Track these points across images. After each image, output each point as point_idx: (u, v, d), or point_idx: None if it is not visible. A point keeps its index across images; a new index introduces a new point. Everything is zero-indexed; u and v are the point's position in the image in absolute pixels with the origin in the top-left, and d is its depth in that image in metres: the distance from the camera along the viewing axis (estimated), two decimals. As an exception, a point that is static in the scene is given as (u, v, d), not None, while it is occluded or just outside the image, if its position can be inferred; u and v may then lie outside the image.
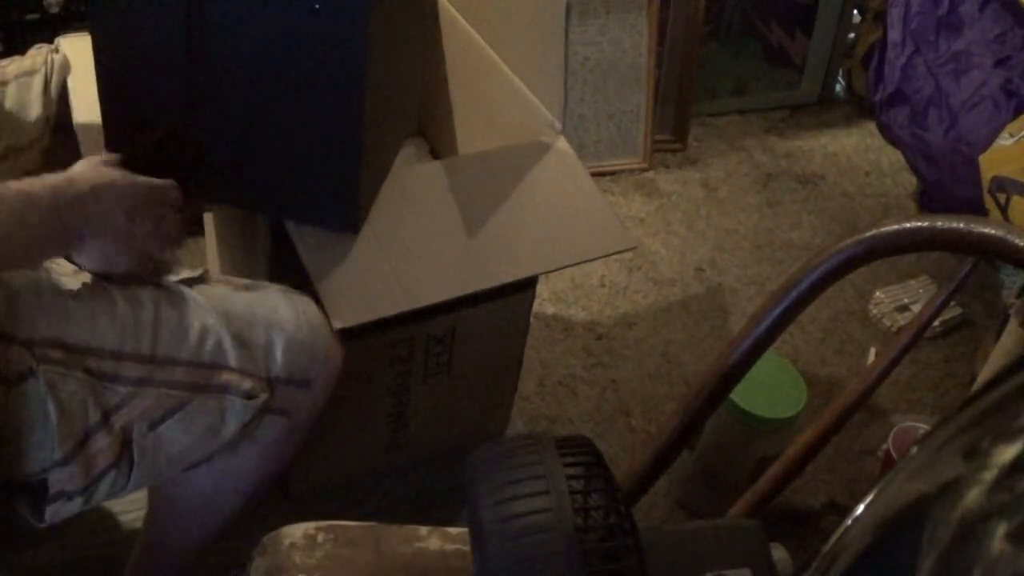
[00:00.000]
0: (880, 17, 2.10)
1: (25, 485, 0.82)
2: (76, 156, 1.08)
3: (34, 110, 1.12)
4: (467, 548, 0.59)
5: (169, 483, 0.96)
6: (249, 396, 0.89)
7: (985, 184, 1.62)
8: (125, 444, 0.85)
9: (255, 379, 0.90)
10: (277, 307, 0.93)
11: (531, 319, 1.39)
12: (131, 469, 0.86)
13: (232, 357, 0.89)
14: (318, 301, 0.99)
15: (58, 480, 0.82)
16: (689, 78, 2.10)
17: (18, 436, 0.79)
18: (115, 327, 0.84)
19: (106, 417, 0.83)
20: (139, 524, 1.21)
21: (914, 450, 0.45)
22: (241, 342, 0.89)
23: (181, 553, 1.07)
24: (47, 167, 1.09)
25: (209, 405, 0.88)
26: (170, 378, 0.86)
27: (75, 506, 0.84)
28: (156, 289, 0.89)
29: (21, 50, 1.19)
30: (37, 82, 1.14)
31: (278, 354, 0.91)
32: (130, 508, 1.27)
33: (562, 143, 1.22)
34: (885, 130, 2.04)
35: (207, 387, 0.88)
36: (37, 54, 1.17)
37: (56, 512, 0.84)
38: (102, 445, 0.83)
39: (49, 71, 1.15)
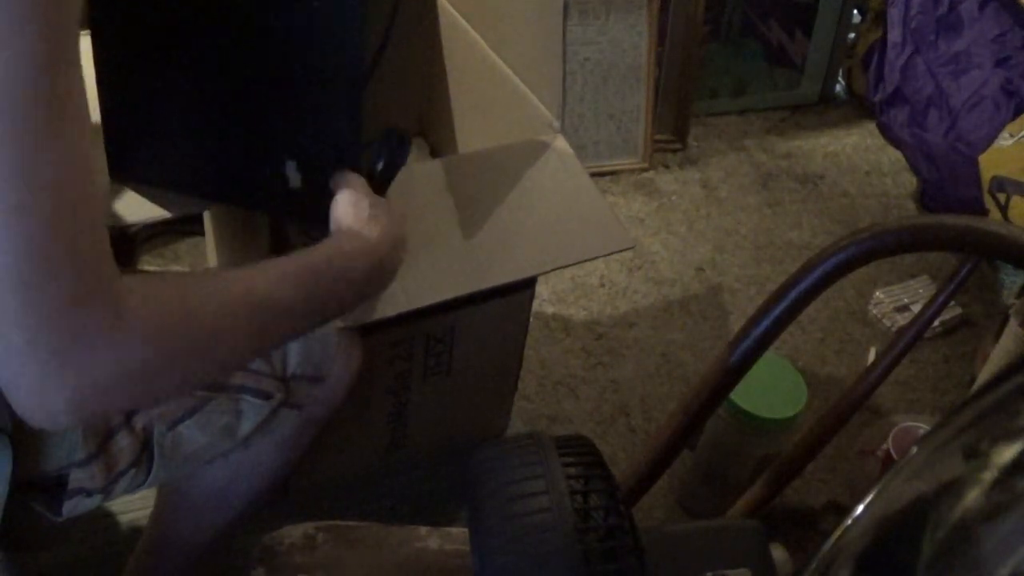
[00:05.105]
0: (880, 17, 2.10)
1: (42, 481, 0.83)
2: None
3: None
4: (467, 548, 0.59)
5: (183, 477, 0.97)
6: (265, 396, 0.90)
7: (985, 184, 1.62)
8: (145, 443, 0.85)
9: (271, 379, 0.91)
10: None
11: (531, 319, 1.39)
12: (150, 467, 0.87)
13: None
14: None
15: (79, 478, 0.82)
16: (689, 78, 2.10)
17: (40, 436, 0.80)
18: None
19: (128, 417, 0.84)
20: (140, 524, 1.21)
21: (914, 450, 0.45)
22: None
23: (187, 549, 1.07)
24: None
25: (226, 405, 0.89)
26: None
27: (93, 502, 0.85)
28: None
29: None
30: None
31: (292, 353, 0.92)
32: (130, 508, 1.27)
33: (561, 142, 1.21)
34: (885, 130, 2.04)
35: (225, 387, 0.88)
36: None
37: (74, 507, 0.84)
38: (124, 445, 0.84)
39: None
